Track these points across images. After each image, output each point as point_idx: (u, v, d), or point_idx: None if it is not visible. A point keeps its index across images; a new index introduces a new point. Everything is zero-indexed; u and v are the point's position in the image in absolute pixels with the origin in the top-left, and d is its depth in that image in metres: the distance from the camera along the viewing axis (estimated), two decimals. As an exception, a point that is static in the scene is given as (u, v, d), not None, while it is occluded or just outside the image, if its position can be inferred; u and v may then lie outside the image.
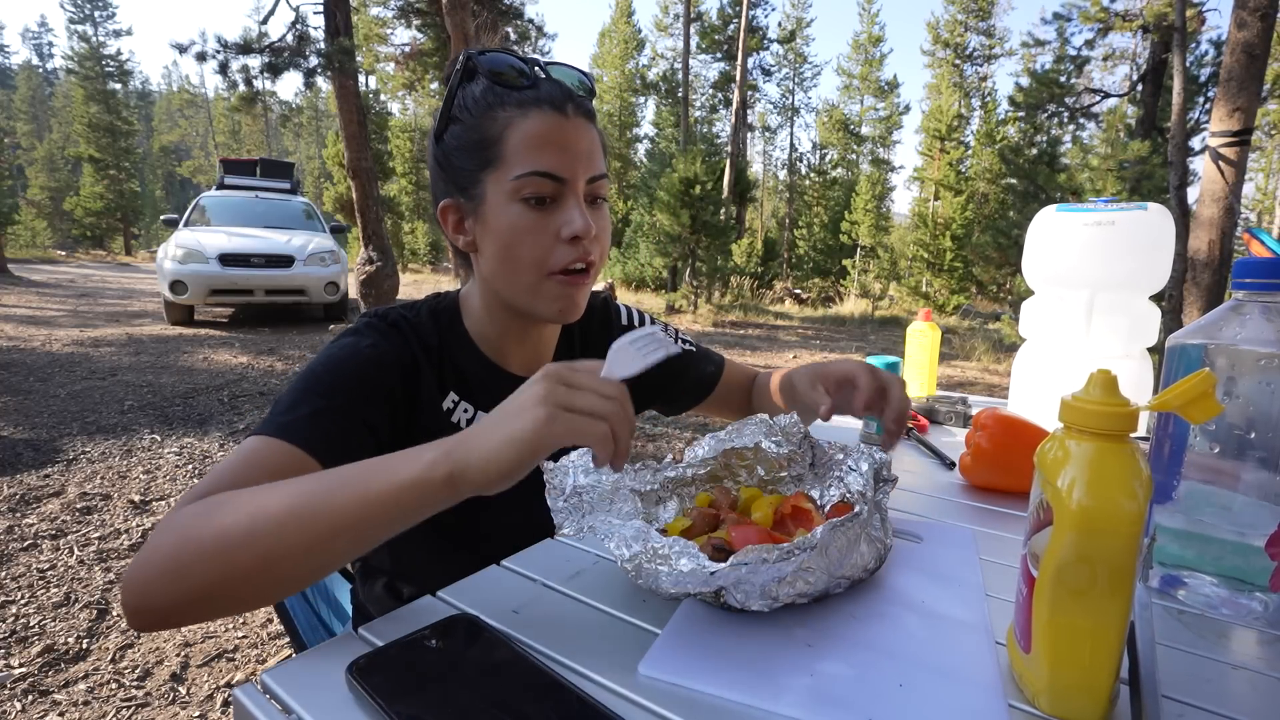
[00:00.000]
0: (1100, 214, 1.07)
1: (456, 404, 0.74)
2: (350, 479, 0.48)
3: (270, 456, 0.56)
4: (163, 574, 0.47)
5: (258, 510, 0.47)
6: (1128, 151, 8.09)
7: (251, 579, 0.47)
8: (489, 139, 0.65)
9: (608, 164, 0.74)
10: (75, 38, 28.20)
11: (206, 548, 0.46)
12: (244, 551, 0.46)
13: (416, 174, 22.75)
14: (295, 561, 0.47)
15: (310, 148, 42.74)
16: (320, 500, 0.47)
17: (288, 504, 0.47)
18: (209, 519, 0.48)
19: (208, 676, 1.65)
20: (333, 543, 0.47)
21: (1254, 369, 0.51)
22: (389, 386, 0.67)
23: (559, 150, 0.65)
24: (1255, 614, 0.52)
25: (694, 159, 10.79)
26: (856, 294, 16.42)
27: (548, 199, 0.66)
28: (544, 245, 0.66)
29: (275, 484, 0.50)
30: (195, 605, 0.47)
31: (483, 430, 0.47)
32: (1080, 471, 0.39)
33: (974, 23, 22.71)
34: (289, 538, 0.46)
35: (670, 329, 0.93)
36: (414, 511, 0.47)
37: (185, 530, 0.48)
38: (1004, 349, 7.83)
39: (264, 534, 0.46)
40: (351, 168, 6.45)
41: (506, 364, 0.78)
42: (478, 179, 0.67)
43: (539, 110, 0.65)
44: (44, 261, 17.75)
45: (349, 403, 0.63)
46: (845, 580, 0.54)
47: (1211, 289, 4.78)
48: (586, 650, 0.48)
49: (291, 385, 0.64)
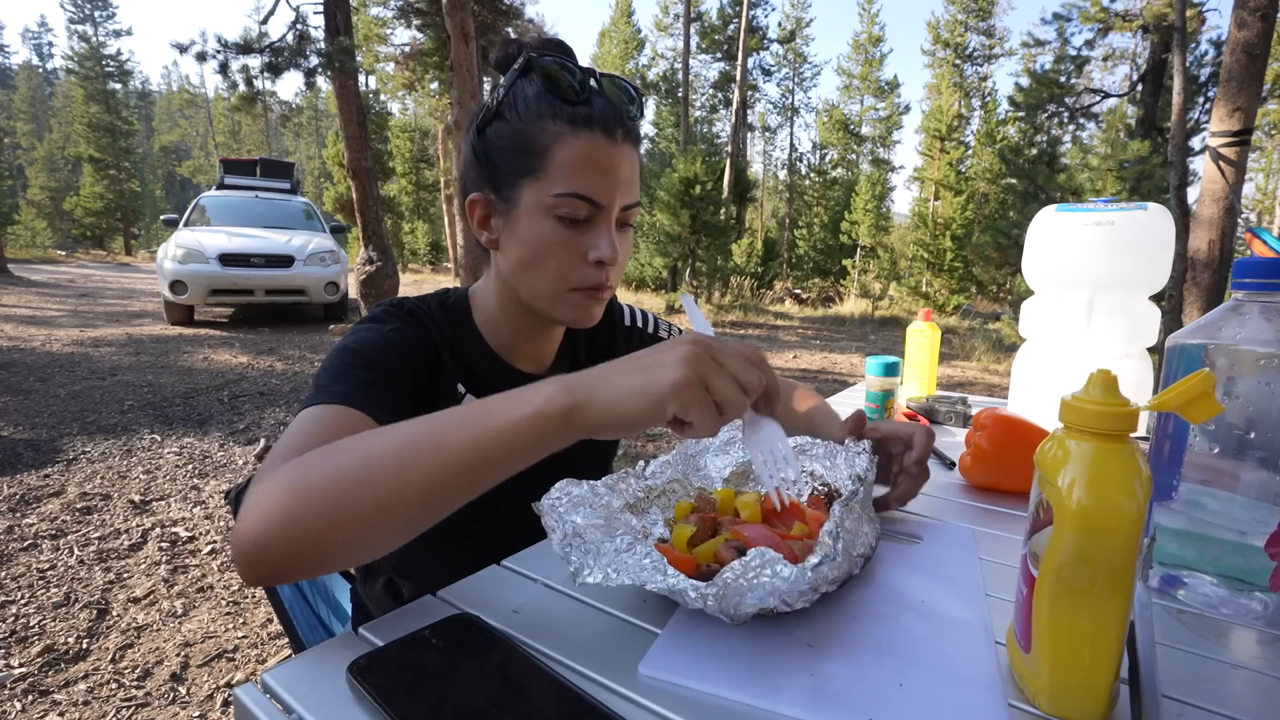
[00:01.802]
0: (1100, 214, 1.07)
1: (464, 395, 0.74)
2: (466, 416, 0.47)
3: (338, 420, 0.56)
4: (279, 522, 0.45)
5: (372, 451, 0.46)
6: (1128, 151, 8.09)
7: (371, 521, 0.46)
8: (535, 148, 0.65)
9: (642, 187, 0.75)
10: (75, 38, 28.20)
11: (324, 493, 0.45)
12: (363, 490, 0.45)
13: (416, 174, 22.74)
14: (415, 501, 0.46)
15: (310, 148, 42.74)
16: (438, 438, 0.46)
17: (403, 443, 0.46)
18: (320, 465, 0.47)
19: (208, 676, 1.65)
20: (452, 480, 0.46)
21: (1253, 369, 0.51)
22: (415, 370, 0.68)
23: (602, 176, 0.65)
24: (1255, 614, 0.52)
25: (694, 159, 10.79)
26: (856, 294, 16.42)
27: (581, 220, 0.66)
28: (569, 263, 0.67)
29: (380, 429, 0.49)
30: (313, 552, 0.46)
31: (609, 374, 0.47)
32: (1080, 471, 0.39)
33: (974, 23, 22.71)
34: (408, 475, 0.45)
35: (674, 328, 0.93)
36: (530, 448, 0.46)
37: (296, 479, 0.46)
38: (1004, 349, 7.82)
39: (382, 473, 0.45)
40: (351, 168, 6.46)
41: (514, 360, 0.78)
42: (516, 184, 0.67)
43: (589, 132, 0.64)
44: (44, 261, 17.75)
45: (392, 376, 0.64)
46: (861, 560, 0.55)
47: (1211, 289, 4.79)
48: (586, 650, 0.48)
49: (329, 365, 0.63)
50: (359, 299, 6.94)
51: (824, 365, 6.59)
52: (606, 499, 0.61)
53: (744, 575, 0.46)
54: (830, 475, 0.73)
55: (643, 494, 0.67)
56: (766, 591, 0.46)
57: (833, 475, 0.72)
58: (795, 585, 0.46)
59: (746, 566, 0.46)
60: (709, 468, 0.76)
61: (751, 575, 0.46)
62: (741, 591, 0.46)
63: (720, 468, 0.75)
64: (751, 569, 0.46)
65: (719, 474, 0.75)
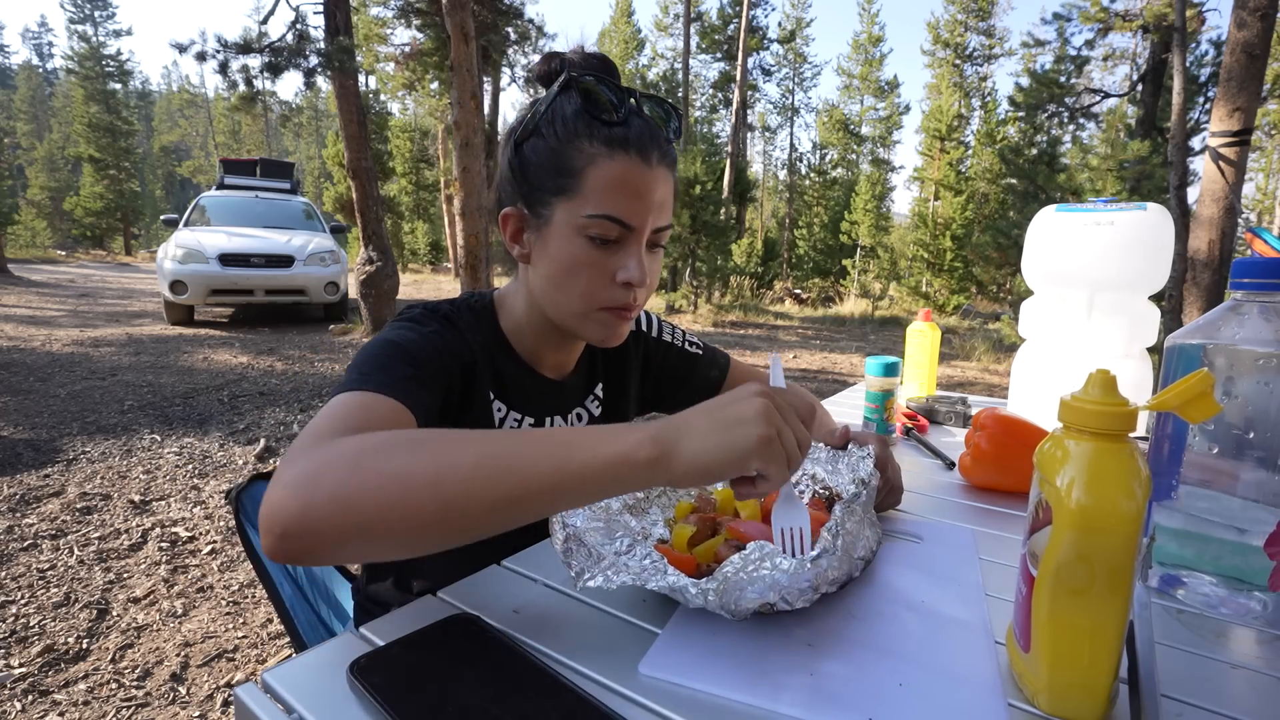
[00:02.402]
0: (1100, 214, 1.07)
1: (491, 401, 0.74)
2: (546, 443, 0.47)
3: (381, 409, 0.55)
4: (332, 500, 0.44)
5: (443, 455, 0.46)
6: (1128, 151, 8.09)
7: (429, 524, 0.45)
8: (570, 168, 0.65)
9: (677, 208, 0.75)
10: (75, 38, 28.18)
11: (387, 482, 0.44)
12: (427, 493, 0.44)
13: (416, 174, 22.74)
14: (477, 515, 0.45)
15: (310, 148, 42.73)
16: (514, 460, 0.46)
17: (479, 456, 0.46)
18: (388, 454, 0.46)
19: (208, 676, 1.65)
20: (519, 504, 0.46)
21: (1252, 369, 0.51)
22: (452, 375, 0.68)
23: (635, 199, 0.65)
24: (1254, 613, 0.52)
25: (694, 159, 10.79)
26: (856, 294, 16.42)
27: (611, 241, 0.66)
28: (598, 283, 0.67)
29: (452, 432, 0.49)
30: (358, 538, 0.44)
31: (694, 425, 0.47)
32: (1079, 471, 0.39)
33: (974, 23, 22.70)
34: (476, 490, 0.45)
35: (678, 330, 0.93)
36: (607, 489, 0.46)
37: (359, 461, 0.45)
38: (1004, 349, 7.82)
39: (450, 481, 0.45)
40: (351, 168, 6.45)
41: (540, 368, 0.79)
42: (549, 202, 0.67)
43: (625, 155, 0.64)
44: (44, 261, 17.74)
45: (431, 378, 0.64)
46: (861, 563, 0.55)
47: (1211, 289, 4.79)
48: (586, 650, 0.48)
49: (370, 354, 0.62)
50: (359, 299, 6.94)
51: (824, 365, 6.59)
52: (605, 500, 0.61)
53: (744, 569, 0.46)
54: (832, 479, 0.73)
55: (642, 495, 0.68)
56: (767, 585, 0.46)
57: (835, 479, 0.73)
58: (795, 580, 0.46)
59: (746, 560, 0.47)
60: None
61: (751, 569, 0.46)
62: (742, 585, 0.46)
63: None
64: (751, 562, 0.46)
65: None
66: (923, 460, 0.98)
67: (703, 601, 0.47)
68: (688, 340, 0.93)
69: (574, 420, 0.82)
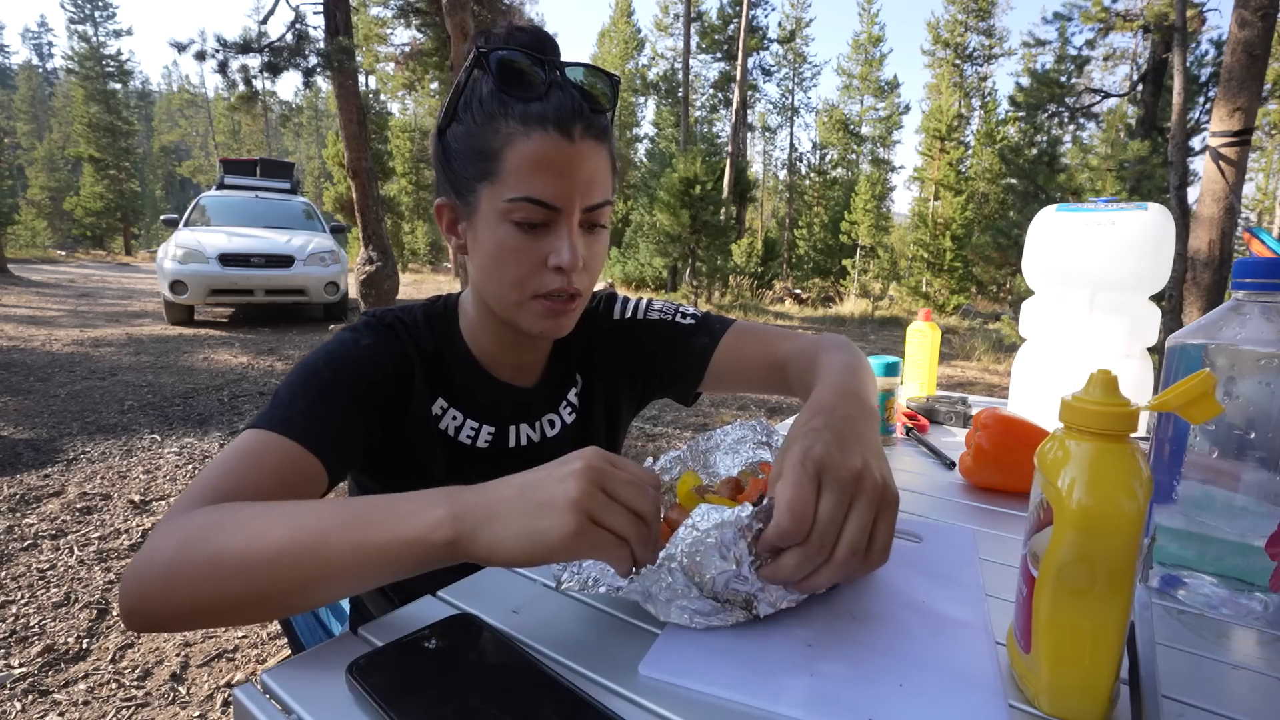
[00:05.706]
0: (1100, 214, 1.07)
1: (445, 410, 0.73)
2: (350, 522, 0.46)
3: (270, 452, 0.56)
4: (158, 583, 0.47)
5: (255, 539, 0.46)
6: (1128, 151, 8.09)
7: (243, 605, 0.47)
8: (488, 151, 0.62)
9: (617, 183, 0.71)
10: (75, 38, 28.19)
11: (201, 568, 0.46)
12: (237, 579, 0.46)
13: (416, 174, 22.75)
14: (287, 596, 0.46)
15: (310, 148, 42.72)
16: (317, 541, 0.46)
17: (285, 539, 0.46)
18: (208, 538, 0.47)
19: (208, 676, 1.65)
20: (325, 584, 0.46)
21: (1254, 369, 0.51)
22: (383, 387, 0.67)
23: (556, 177, 0.61)
24: (1255, 614, 0.52)
25: (694, 159, 10.80)
26: (856, 294, 16.41)
27: (539, 224, 0.63)
28: (529, 269, 0.64)
29: (274, 507, 0.49)
30: (187, 618, 0.47)
31: (500, 507, 0.45)
32: (1080, 471, 0.39)
33: (974, 23, 22.70)
34: (282, 573, 0.45)
35: (670, 305, 0.89)
36: (410, 568, 0.46)
37: (184, 544, 0.47)
38: (1004, 349, 7.83)
39: (258, 566, 0.45)
40: (351, 168, 6.46)
41: (497, 371, 0.76)
42: (474, 188, 0.64)
43: (542, 131, 0.60)
44: (44, 261, 17.74)
45: (347, 400, 0.63)
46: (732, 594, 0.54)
47: (1211, 289, 4.79)
48: (586, 650, 0.48)
49: (289, 380, 0.64)
50: (359, 299, 6.95)
51: (824, 365, 6.57)
52: None
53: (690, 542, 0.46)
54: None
55: None
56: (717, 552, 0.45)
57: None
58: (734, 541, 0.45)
59: (689, 529, 0.46)
60: (718, 465, 0.75)
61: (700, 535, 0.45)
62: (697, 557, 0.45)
63: (730, 466, 0.74)
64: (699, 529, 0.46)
65: (728, 472, 0.74)
66: (923, 460, 0.98)
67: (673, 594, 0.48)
68: (680, 313, 0.85)
69: (544, 428, 0.79)
